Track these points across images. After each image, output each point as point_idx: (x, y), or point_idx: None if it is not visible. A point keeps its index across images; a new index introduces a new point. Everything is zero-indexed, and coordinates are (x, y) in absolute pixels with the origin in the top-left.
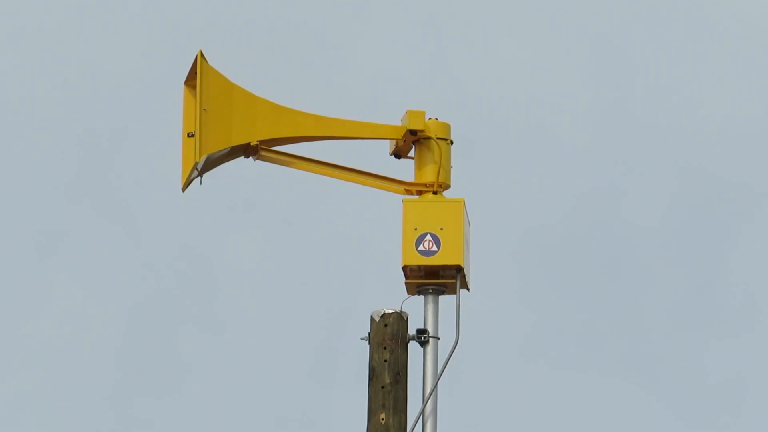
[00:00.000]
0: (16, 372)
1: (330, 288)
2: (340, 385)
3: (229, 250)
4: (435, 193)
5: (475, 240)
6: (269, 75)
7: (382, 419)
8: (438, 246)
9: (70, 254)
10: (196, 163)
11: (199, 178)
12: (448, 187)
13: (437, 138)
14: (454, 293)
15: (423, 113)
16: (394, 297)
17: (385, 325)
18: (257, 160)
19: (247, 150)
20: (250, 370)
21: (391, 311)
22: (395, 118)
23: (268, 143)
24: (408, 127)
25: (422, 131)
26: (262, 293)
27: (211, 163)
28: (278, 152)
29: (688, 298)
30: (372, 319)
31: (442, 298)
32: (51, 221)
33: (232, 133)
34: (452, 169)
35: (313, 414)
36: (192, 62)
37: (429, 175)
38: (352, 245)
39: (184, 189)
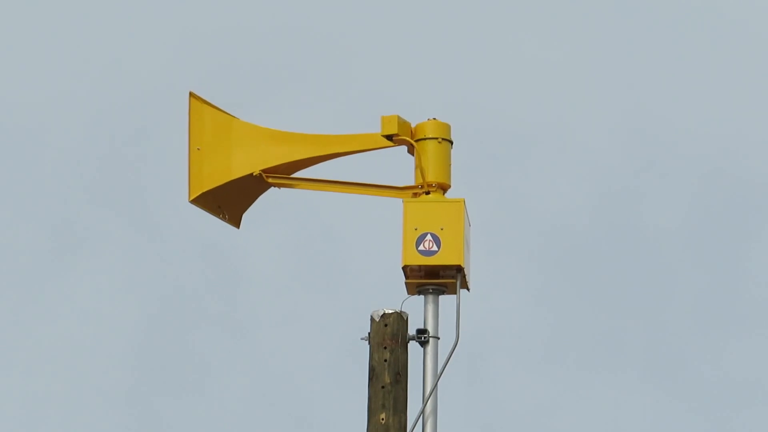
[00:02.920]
0: (37, 372)
1: (330, 288)
2: (340, 385)
3: (247, 252)
4: (428, 193)
5: (492, 241)
6: (277, 90)
7: (382, 419)
8: (438, 246)
9: (90, 255)
10: (219, 207)
11: (223, 214)
12: (446, 186)
13: (418, 139)
14: (455, 293)
15: (395, 117)
16: (394, 297)
17: (385, 325)
18: (281, 188)
19: (256, 180)
20: (261, 371)
21: (391, 311)
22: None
23: (273, 170)
24: (381, 133)
25: (397, 135)
26: (270, 295)
27: (243, 198)
28: (285, 177)
29: (708, 299)
30: (372, 319)
31: (442, 298)
32: (71, 222)
33: (233, 167)
34: (452, 169)
35: (314, 413)
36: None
37: (418, 177)
38: (352, 246)
39: (239, 226)
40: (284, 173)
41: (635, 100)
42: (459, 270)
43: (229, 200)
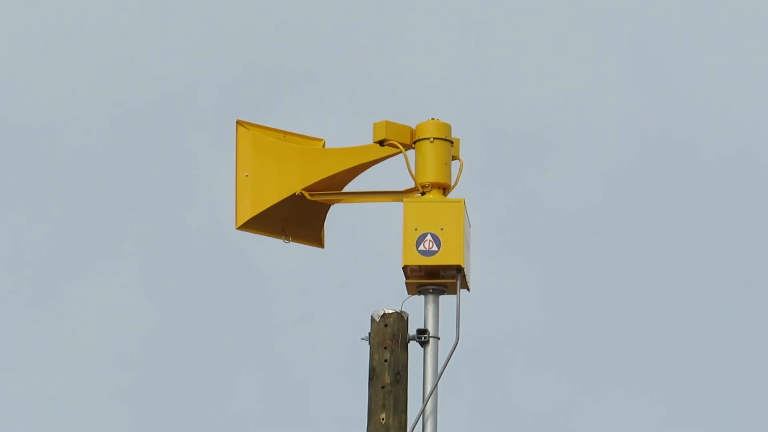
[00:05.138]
0: (53, 372)
1: (330, 289)
2: (340, 385)
3: (249, 253)
4: (422, 194)
5: (504, 241)
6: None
7: (382, 419)
8: (438, 246)
9: (107, 255)
10: (284, 231)
11: (286, 235)
12: (445, 186)
13: (416, 141)
14: (455, 293)
15: (384, 123)
16: (394, 297)
17: (386, 325)
18: (332, 204)
19: (301, 201)
20: (262, 371)
21: (391, 311)
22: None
23: (314, 188)
24: (373, 140)
25: (386, 140)
26: (270, 296)
27: (310, 217)
28: (321, 193)
29: (723, 299)
30: (372, 319)
31: (442, 298)
32: (89, 222)
33: (277, 189)
34: (465, 169)
35: (314, 413)
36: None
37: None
38: (352, 246)
39: (323, 245)
40: (325, 189)
41: (652, 100)
42: (459, 270)
43: (292, 221)
